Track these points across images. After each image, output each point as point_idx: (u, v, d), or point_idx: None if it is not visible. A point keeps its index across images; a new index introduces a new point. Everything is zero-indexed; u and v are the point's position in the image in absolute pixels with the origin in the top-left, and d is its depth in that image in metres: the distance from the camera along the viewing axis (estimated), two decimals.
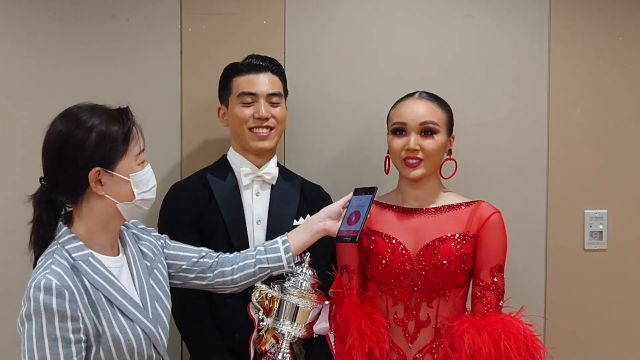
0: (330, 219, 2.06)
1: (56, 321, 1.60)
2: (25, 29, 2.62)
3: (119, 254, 1.82)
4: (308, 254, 2.12)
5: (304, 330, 2.12)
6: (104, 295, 1.71)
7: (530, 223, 2.65)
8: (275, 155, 2.41)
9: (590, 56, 2.66)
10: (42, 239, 1.74)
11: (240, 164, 2.35)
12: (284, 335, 2.10)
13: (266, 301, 2.10)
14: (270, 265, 2.02)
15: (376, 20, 2.66)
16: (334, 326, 2.14)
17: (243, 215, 2.30)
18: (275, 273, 2.05)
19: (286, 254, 2.02)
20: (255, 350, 2.12)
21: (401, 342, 2.16)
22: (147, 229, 2.01)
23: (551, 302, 2.66)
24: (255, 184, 2.34)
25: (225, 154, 2.41)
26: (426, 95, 2.21)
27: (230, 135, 2.41)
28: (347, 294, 2.17)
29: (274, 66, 2.37)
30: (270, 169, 2.35)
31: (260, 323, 2.10)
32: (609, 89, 2.66)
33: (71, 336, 1.62)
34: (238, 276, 2.02)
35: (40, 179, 1.75)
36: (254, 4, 2.65)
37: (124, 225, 1.89)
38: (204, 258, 2.03)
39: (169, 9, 2.64)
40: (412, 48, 2.66)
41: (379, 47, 2.66)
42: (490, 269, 2.12)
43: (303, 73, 2.64)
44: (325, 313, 2.15)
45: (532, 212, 2.66)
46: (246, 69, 2.34)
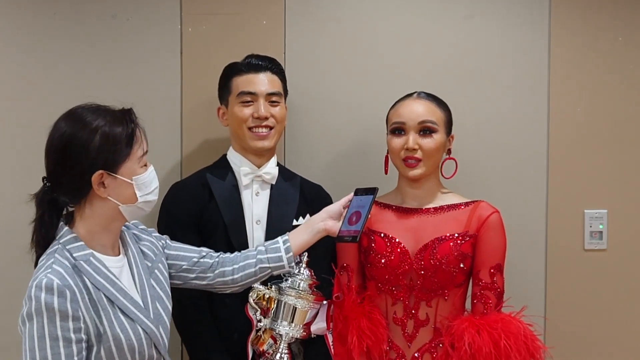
0: (331, 219, 2.06)
1: (57, 321, 1.60)
2: (25, 29, 2.61)
3: (119, 254, 1.82)
4: (306, 254, 2.12)
5: (301, 331, 2.11)
6: (105, 295, 1.71)
7: (530, 223, 2.65)
8: (275, 155, 2.41)
9: (590, 56, 2.65)
10: (44, 239, 1.73)
11: (240, 164, 2.35)
12: (281, 335, 2.10)
13: (264, 302, 2.10)
14: (271, 265, 2.02)
15: (376, 20, 2.66)
16: (331, 326, 2.14)
17: (242, 215, 2.30)
18: (276, 273, 2.05)
19: (287, 254, 2.02)
20: (254, 351, 2.11)
21: (400, 342, 2.16)
22: (148, 230, 2.01)
23: (551, 302, 2.66)
24: (254, 183, 2.34)
25: (225, 154, 2.41)
26: (425, 95, 2.22)
27: (230, 135, 2.41)
28: (347, 294, 2.17)
29: (273, 66, 2.37)
30: (270, 169, 2.35)
31: (258, 324, 2.10)
32: (608, 89, 2.66)
33: (72, 336, 1.62)
34: (239, 276, 2.01)
35: (43, 178, 1.74)
36: (254, 4, 2.65)
37: (124, 226, 1.89)
38: (204, 258, 2.03)
39: (169, 9, 2.64)
40: (412, 48, 2.66)
41: (379, 47, 2.66)
42: (490, 269, 2.12)
43: (303, 73, 2.64)
44: (323, 313, 2.15)
45: (532, 212, 2.66)
46: (246, 68, 2.34)
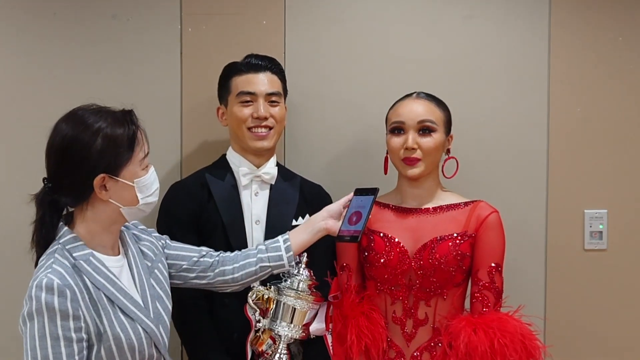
0: (332, 218, 2.06)
1: (58, 320, 1.60)
2: (24, 29, 2.61)
3: (119, 254, 1.83)
4: (305, 255, 2.12)
5: (301, 331, 2.11)
6: (105, 294, 1.71)
7: (530, 223, 2.65)
8: (275, 155, 2.40)
9: (590, 56, 2.65)
10: (44, 239, 1.73)
11: (239, 164, 2.34)
12: (280, 336, 2.09)
13: (263, 302, 2.09)
14: (272, 264, 2.02)
15: (376, 20, 2.66)
16: (331, 327, 2.14)
17: (242, 215, 2.30)
18: (276, 272, 2.05)
19: (287, 253, 2.02)
20: (253, 351, 2.11)
21: (399, 341, 2.17)
22: (148, 230, 2.01)
23: (551, 302, 2.66)
24: (254, 183, 2.33)
25: (224, 154, 2.41)
26: (424, 95, 2.22)
27: (229, 135, 2.41)
28: (346, 293, 2.18)
29: (273, 65, 2.36)
30: (269, 169, 2.35)
31: (257, 324, 2.09)
32: (608, 89, 2.65)
33: (73, 335, 1.62)
34: (239, 275, 2.02)
35: (44, 179, 1.74)
36: (254, 4, 2.65)
37: (124, 226, 1.89)
38: (204, 257, 2.03)
39: (169, 9, 2.64)
40: (412, 48, 2.66)
41: (379, 47, 2.66)
42: (489, 268, 2.12)
43: (303, 73, 2.64)
44: (322, 314, 2.15)
45: (532, 212, 2.66)
46: (245, 68, 2.33)
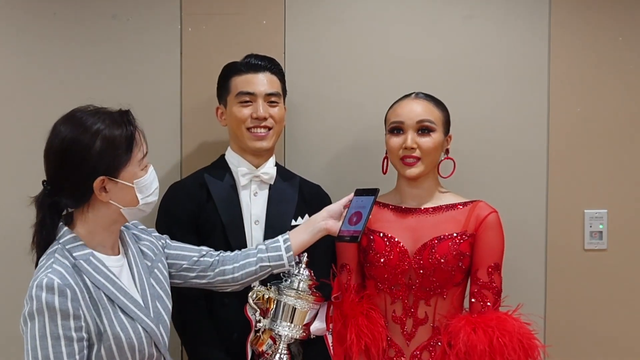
0: (332, 219, 2.06)
1: (59, 320, 1.60)
2: (24, 29, 2.61)
3: (119, 254, 1.83)
4: (305, 255, 2.12)
5: (301, 332, 2.10)
6: (105, 294, 1.71)
7: (530, 223, 2.65)
8: (274, 155, 2.40)
9: (590, 56, 2.65)
10: (45, 240, 1.74)
11: (238, 164, 2.34)
12: (281, 336, 2.09)
13: (263, 302, 2.09)
14: (272, 264, 2.03)
15: (376, 20, 2.66)
16: (331, 327, 2.14)
17: (241, 215, 2.29)
18: (276, 272, 2.05)
19: (287, 253, 2.03)
20: (253, 351, 2.11)
21: (399, 340, 2.17)
22: (147, 230, 2.01)
23: (551, 302, 2.66)
24: (253, 184, 2.33)
25: (223, 154, 2.41)
26: (423, 96, 2.23)
27: (229, 135, 2.40)
28: (346, 293, 2.18)
29: (272, 66, 2.36)
30: (268, 169, 2.34)
31: (257, 324, 2.09)
32: (608, 89, 2.65)
33: (73, 334, 1.62)
34: (239, 274, 2.02)
35: (43, 181, 1.74)
36: (254, 4, 2.65)
37: (124, 226, 1.89)
38: (204, 257, 2.03)
39: (169, 9, 2.64)
40: (412, 48, 2.66)
41: (379, 48, 2.66)
42: (488, 268, 2.13)
43: (303, 73, 2.64)
44: (323, 314, 2.14)
45: (532, 212, 2.66)
46: (245, 68, 2.33)
